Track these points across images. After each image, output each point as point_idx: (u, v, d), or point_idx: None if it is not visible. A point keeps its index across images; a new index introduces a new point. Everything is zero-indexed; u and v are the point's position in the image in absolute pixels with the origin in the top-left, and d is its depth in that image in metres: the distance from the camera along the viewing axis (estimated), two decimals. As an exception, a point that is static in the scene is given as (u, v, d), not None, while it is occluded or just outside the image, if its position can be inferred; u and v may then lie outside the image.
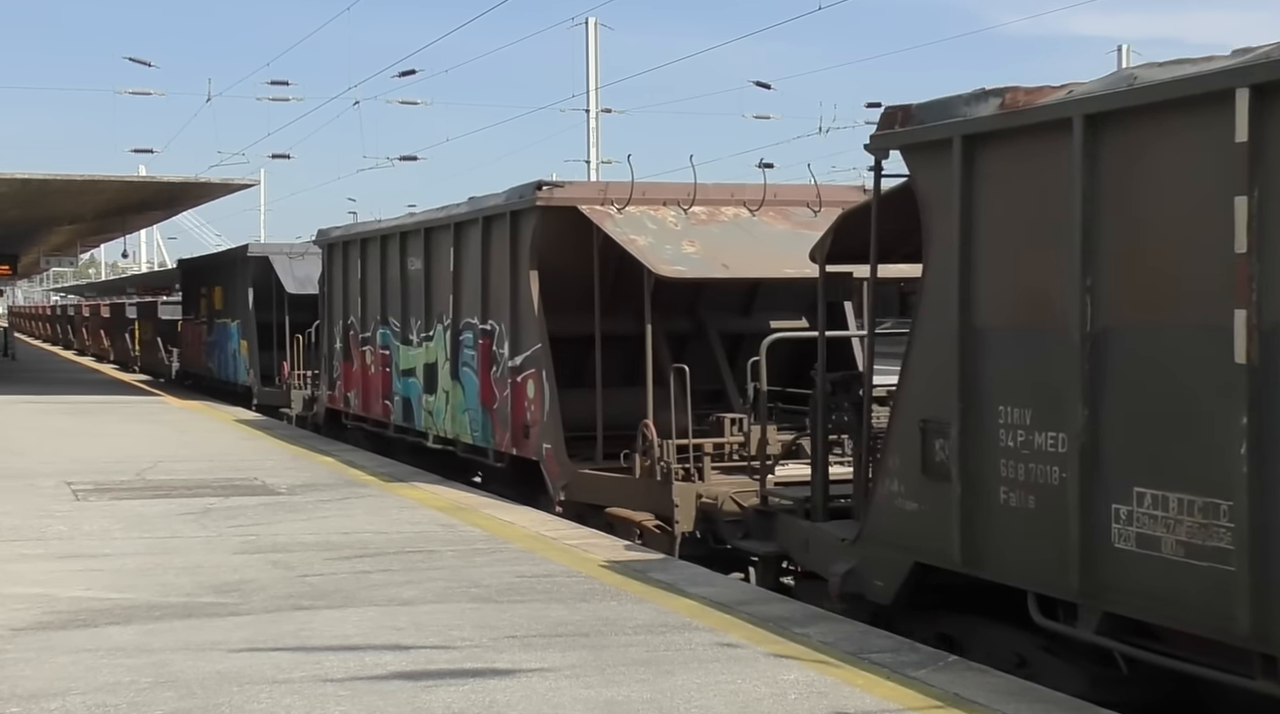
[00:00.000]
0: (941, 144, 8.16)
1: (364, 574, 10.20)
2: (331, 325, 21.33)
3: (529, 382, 14.23)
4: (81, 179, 27.63)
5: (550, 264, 14.05)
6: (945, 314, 8.14)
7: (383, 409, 18.99)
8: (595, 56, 39.02)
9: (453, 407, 16.41)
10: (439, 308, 16.76)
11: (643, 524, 12.29)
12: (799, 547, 10.14)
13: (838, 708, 6.74)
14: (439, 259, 16.77)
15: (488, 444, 15.43)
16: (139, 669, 7.46)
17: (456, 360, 16.23)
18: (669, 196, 13.94)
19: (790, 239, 13.46)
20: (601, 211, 13.53)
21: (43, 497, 14.44)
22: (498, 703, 6.82)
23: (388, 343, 18.65)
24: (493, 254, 15.13)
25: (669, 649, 7.88)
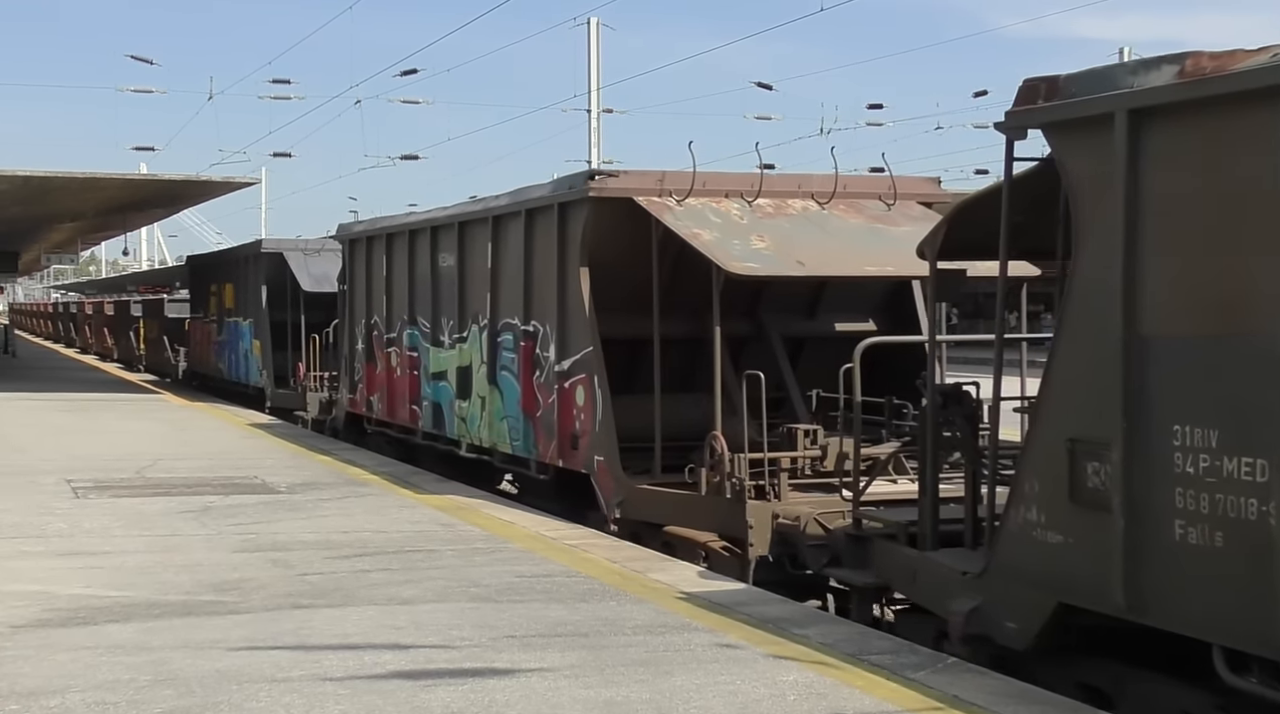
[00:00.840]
0: (1099, 120, 7.00)
1: (363, 573, 10.20)
2: (353, 325, 20.19)
3: (578, 388, 13.15)
4: (83, 176, 27.63)
5: (600, 260, 12.97)
6: (1103, 318, 7.01)
7: (409, 415, 17.90)
8: (597, 57, 39.04)
9: (489, 413, 15.30)
10: (474, 307, 15.69)
11: (708, 545, 11.29)
12: (904, 577, 8.97)
13: (837, 709, 6.74)
14: (475, 255, 15.67)
15: (529, 454, 14.32)
16: (138, 667, 7.46)
17: (494, 364, 15.16)
18: (732, 188, 12.84)
19: (866, 234, 12.61)
20: (660, 203, 12.46)
21: (43, 494, 14.44)
22: (497, 703, 6.82)
23: (416, 344, 17.56)
24: (537, 249, 14.04)
25: (668, 650, 7.88)
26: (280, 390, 26.53)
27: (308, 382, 24.62)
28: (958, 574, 8.18)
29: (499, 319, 14.99)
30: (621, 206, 12.65)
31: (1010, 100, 7.89)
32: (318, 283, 25.30)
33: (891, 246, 12.12)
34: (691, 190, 12.55)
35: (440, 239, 16.67)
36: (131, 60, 64.20)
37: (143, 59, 50.77)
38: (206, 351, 33.47)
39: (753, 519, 10.81)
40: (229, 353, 30.82)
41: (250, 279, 28.36)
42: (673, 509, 11.87)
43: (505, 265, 14.81)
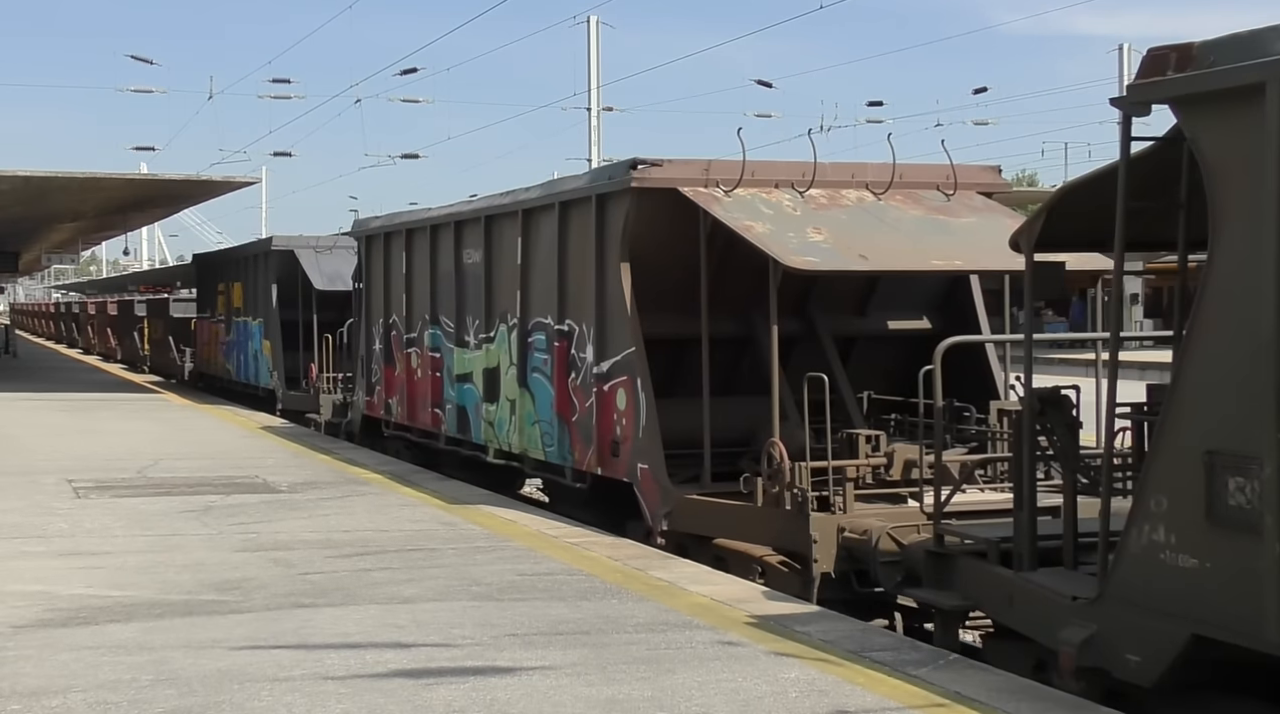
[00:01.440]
0: (1245, 92, 6.27)
1: (365, 572, 10.20)
2: (370, 325, 19.36)
3: (619, 391, 12.40)
4: (83, 176, 27.64)
5: (642, 255, 12.28)
6: (1249, 314, 6.27)
7: (431, 418, 17.05)
8: (597, 55, 39.05)
9: (520, 418, 14.46)
10: (502, 306, 14.86)
11: (765, 560, 10.59)
12: (998, 601, 8.14)
13: (838, 706, 6.74)
14: (503, 251, 14.86)
15: (564, 461, 13.52)
16: (140, 667, 7.46)
17: (525, 365, 14.31)
18: (781, 177, 12.11)
19: (927, 227, 11.89)
20: (706, 194, 11.74)
21: (44, 494, 14.44)
22: (499, 701, 6.82)
23: (438, 345, 16.77)
24: (572, 244, 13.27)
25: (670, 647, 7.88)
26: (292, 392, 25.74)
27: (320, 383, 24.00)
28: (1066, 599, 7.42)
29: (530, 318, 14.24)
30: (665, 198, 11.99)
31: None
32: (330, 281, 24.57)
33: (956, 239, 11.62)
34: (741, 180, 11.81)
35: (465, 234, 15.93)
36: (132, 60, 64.18)
37: (143, 59, 50.78)
38: (214, 352, 32.64)
39: (817, 533, 10.05)
40: (237, 353, 29.97)
41: (260, 277, 27.62)
42: (725, 521, 11.15)
43: (537, 261, 14.07)
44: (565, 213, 13.35)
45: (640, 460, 12.03)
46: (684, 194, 11.82)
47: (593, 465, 12.90)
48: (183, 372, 36.05)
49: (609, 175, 12.61)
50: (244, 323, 29.16)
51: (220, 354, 31.71)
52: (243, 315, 29.28)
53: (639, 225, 12.23)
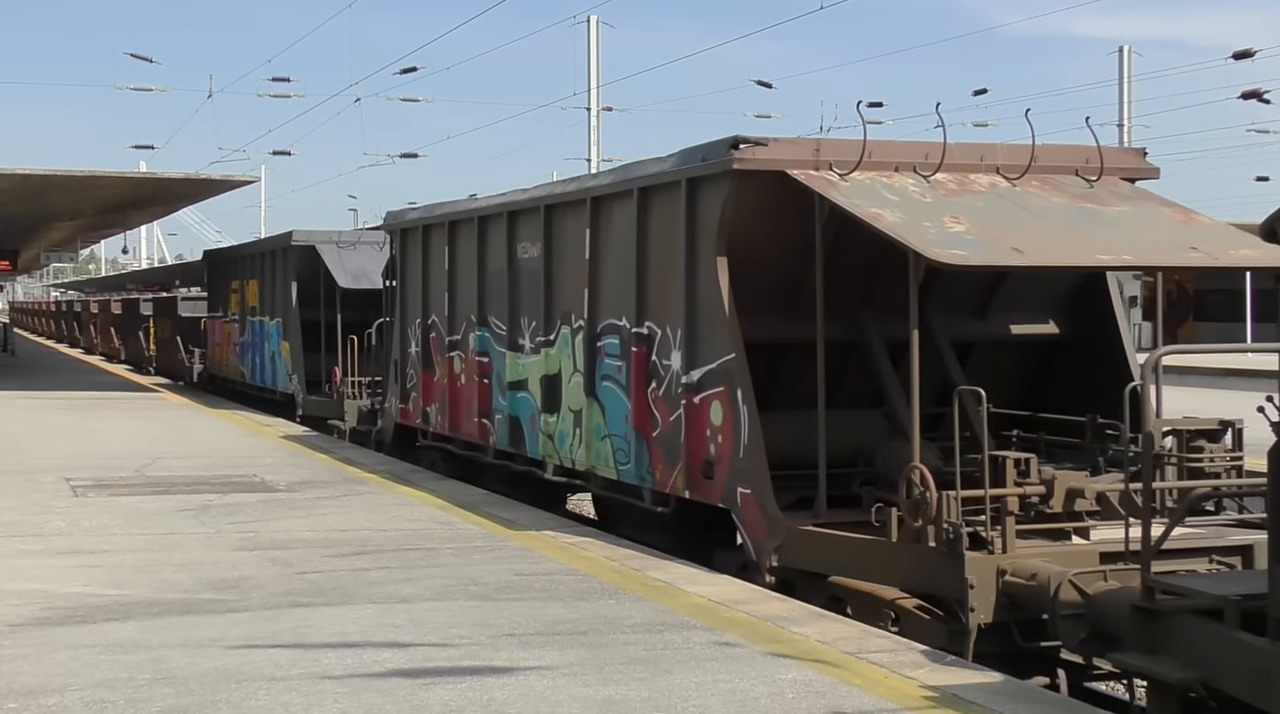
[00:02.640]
0: None
1: (362, 571, 10.20)
2: (405, 325, 17.85)
3: (713, 404, 10.92)
4: (82, 175, 27.64)
5: (741, 248, 10.85)
6: None
7: (478, 429, 15.52)
8: (597, 54, 39.05)
9: (587, 431, 12.96)
10: (565, 305, 13.42)
11: (899, 605, 9.11)
12: (1247, 677, 6.64)
13: (835, 707, 6.74)
14: (567, 244, 13.35)
15: (641, 482, 12.05)
16: (137, 665, 7.46)
17: (593, 372, 12.83)
18: (901, 159, 10.77)
19: (1078, 216, 10.49)
20: (820, 177, 10.41)
21: (42, 492, 14.44)
22: (496, 701, 6.82)
23: (487, 348, 15.30)
24: (654, 236, 11.82)
25: (667, 648, 7.88)
26: (313, 397, 24.21)
27: (345, 388, 22.53)
28: None
29: (600, 320, 12.75)
30: (770, 182, 10.58)
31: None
32: (355, 279, 23.09)
33: (1115, 231, 10.29)
34: (860, 162, 10.48)
35: (520, 226, 14.46)
36: (131, 58, 64.20)
37: (142, 57, 50.85)
38: (226, 354, 31.10)
39: (974, 576, 8.58)
40: (252, 355, 28.33)
41: (278, 275, 26.12)
42: (849, 557, 9.70)
43: (608, 256, 12.59)
44: (646, 200, 11.91)
45: (741, 484, 10.56)
46: (793, 178, 10.43)
47: (679, 488, 11.42)
48: (191, 373, 34.80)
49: (702, 156, 11.08)
50: (260, 323, 27.70)
51: (233, 355, 30.33)
52: (258, 315, 27.79)
53: (739, 213, 10.77)
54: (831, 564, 9.85)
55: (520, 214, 14.47)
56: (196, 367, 34.34)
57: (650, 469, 11.89)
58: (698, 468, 11.17)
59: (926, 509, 8.93)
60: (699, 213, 11.12)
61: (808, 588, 9.90)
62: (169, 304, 40.49)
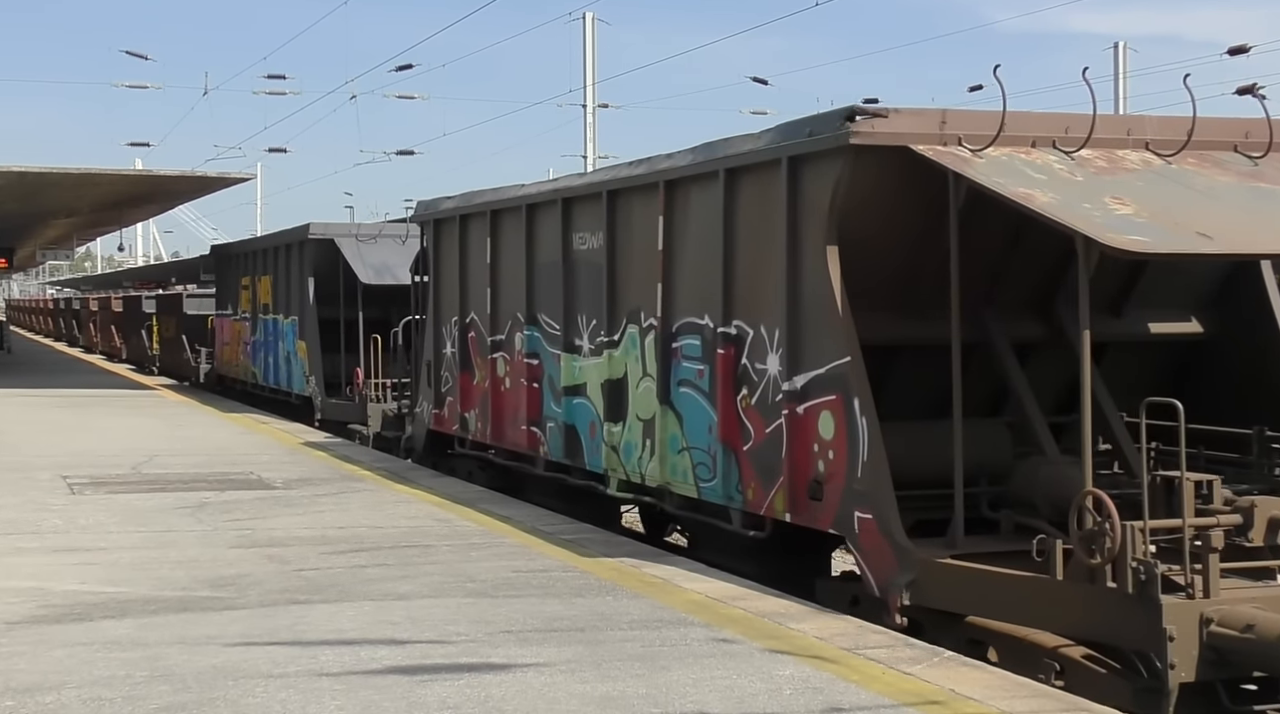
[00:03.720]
0: None
1: (359, 568, 10.19)
2: (439, 324, 16.51)
3: (822, 414, 9.58)
4: (78, 172, 27.65)
5: (852, 235, 9.55)
6: None
7: (526, 438, 14.15)
8: (593, 51, 39.02)
9: (660, 442, 11.53)
10: (633, 302, 12.05)
11: (1063, 654, 7.88)
12: None
13: (832, 703, 6.74)
14: (634, 233, 12.03)
15: (729, 501, 10.64)
16: (134, 663, 7.45)
17: (668, 377, 11.45)
18: (1038, 133, 9.45)
19: (1254, 197, 9.24)
20: (950, 153, 9.09)
21: (38, 490, 14.43)
22: (493, 697, 6.82)
23: (536, 349, 13.92)
24: (744, 222, 10.52)
25: (664, 644, 7.88)
26: (333, 400, 22.75)
27: (367, 390, 21.34)
28: None
29: (676, 318, 11.40)
30: (892, 159, 9.29)
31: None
32: (378, 274, 21.86)
33: None
34: (998, 136, 9.17)
35: (576, 214, 13.08)
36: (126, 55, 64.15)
37: (138, 54, 50.65)
38: (236, 354, 29.55)
39: (1173, 625, 7.26)
40: (265, 355, 26.82)
41: (293, 270, 24.65)
42: (999, 596, 8.31)
43: (686, 246, 11.26)
44: (734, 182, 10.58)
45: (859, 507, 9.22)
46: (919, 154, 9.12)
47: (777, 509, 10.07)
48: (197, 373, 33.39)
49: (808, 130, 9.75)
50: (273, 321, 26.15)
51: (244, 355, 28.82)
52: (272, 312, 26.32)
53: (853, 195, 9.46)
54: (975, 603, 8.52)
55: (577, 201, 13.05)
56: (203, 366, 33.05)
57: (740, 487, 10.50)
58: (802, 488, 9.81)
59: (1107, 543, 7.50)
60: (804, 195, 9.79)
61: (938, 628, 8.64)
62: (174, 301, 39.10)
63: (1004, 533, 8.95)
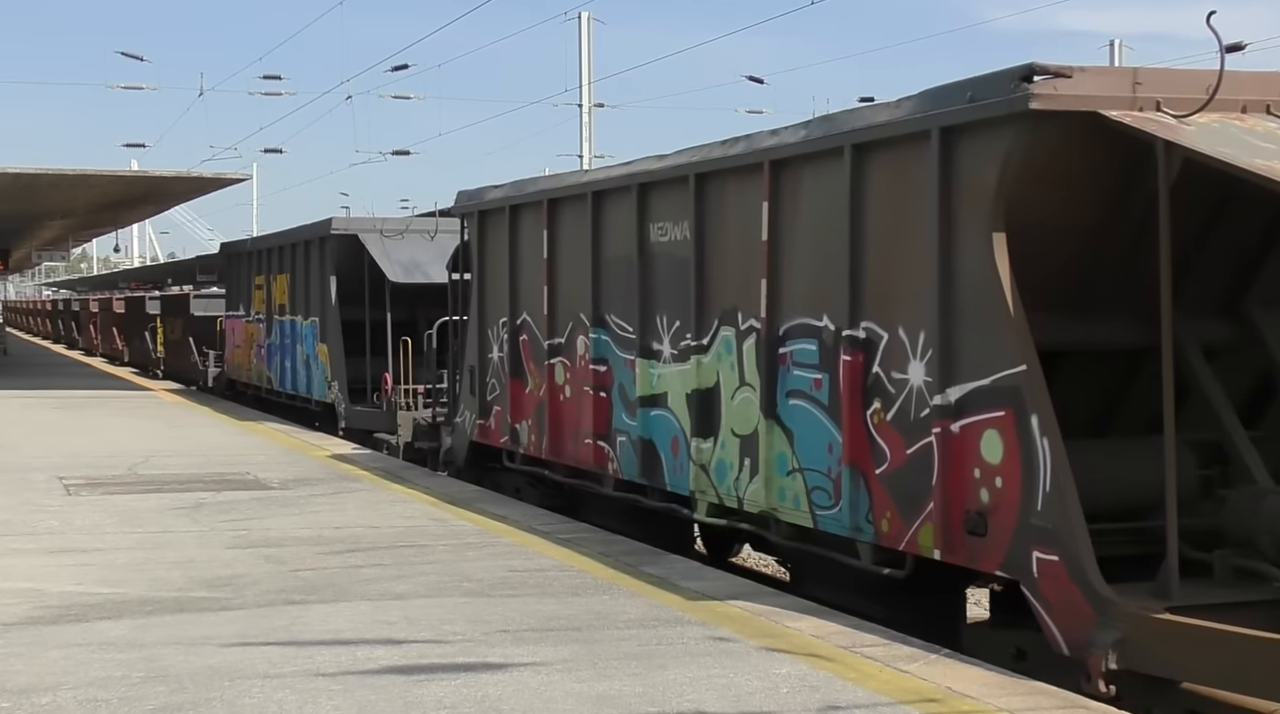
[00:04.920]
0: None
1: (356, 569, 10.19)
2: (485, 326, 15.11)
3: (986, 433, 8.11)
4: (73, 173, 27.64)
5: (1021, 219, 8.08)
6: None
7: (591, 453, 12.66)
8: (588, 51, 39.02)
9: (765, 462, 10.06)
10: (727, 300, 10.64)
11: None
12: None
13: (829, 701, 6.74)
14: (729, 222, 10.63)
15: (856, 533, 9.19)
16: (130, 664, 7.45)
17: (775, 387, 10.00)
18: (1250, 95, 8.04)
19: None
20: (1153, 120, 7.65)
21: (34, 491, 14.42)
22: (490, 697, 6.81)
23: (604, 354, 12.50)
24: (875, 206, 9.04)
25: (661, 643, 7.88)
26: (358, 407, 21.36)
27: (396, 397, 20.02)
28: None
29: (784, 319, 9.93)
30: (1076, 127, 7.88)
31: None
32: (406, 272, 20.67)
33: None
34: (1212, 99, 7.69)
35: (656, 202, 11.66)
36: (122, 56, 64.22)
37: (133, 55, 50.71)
38: (248, 357, 28.07)
39: None
40: (281, 359, 25.37)
41: (313, 268, 23.29)
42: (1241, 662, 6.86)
43: (798, 236, 9.82)
44: (864, 160, 9.12)
45: (1039, 546, 7.72)
46: (1113, 121, 7.69)
47: (922, 545, 8.58)
48: (205, 377, 31.99)
49: (967, 94, 8.20)
50: (291, 323, 24.69)
51: (257, 359, 27.27)
52: (289, 313, 24.90)
53: (1027, 172, 8.00)
54: (1203, 669, 7.11)
55: (657, 187, 11.62)
56: (211, 370, 31.65)
57: (871, 517, 9.05)
58: (958, 520, 8.31)
59: None
60: (961, 172, 8.33)
61: (1145, 694, 7.39)
62: (180, 302, 37.65)
63: (1219, 578, 7.52)
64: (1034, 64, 7.77)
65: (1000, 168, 7.97)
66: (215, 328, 31.91)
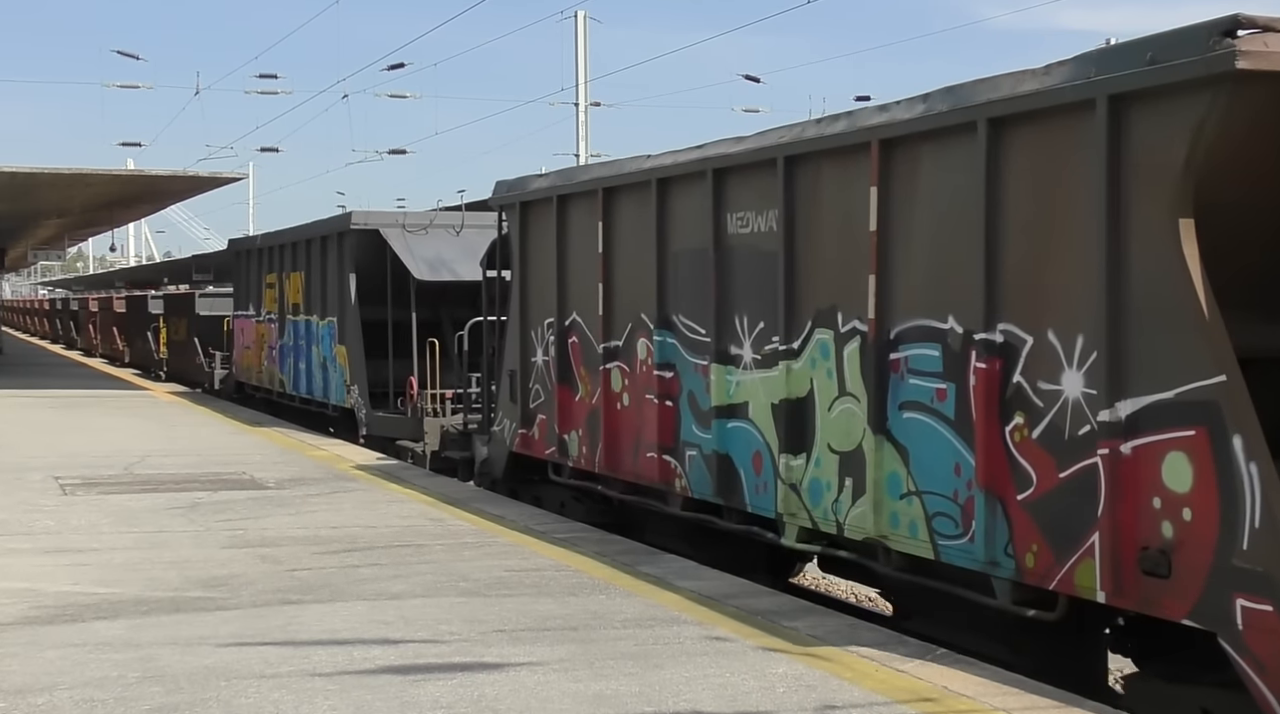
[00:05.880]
0: None
1: (352, 568, 10.18)
2: (527, 327, 14.01)
3: (1169, 456, 7.00)
4: (69, 172, 27.63)
5: (1210, 204, 7.02)
6: None
7: (656, 468, 11.55)
8: (585, 50, 39.03)
9: (874, 483, 8.94)
10: (823, 298, 9.53)
11: None
12: None
13: (826, 701, 6.74)
14: (825, 210, 9.49)
15: (994, 567, 8.00)
16: (126, 664, 7.44)
17: (886, 397, 8.89)
18: None
19: None
20: None
21: (30, 491, 14.41)
22: (486, 697, 6.81)
23: (671, 358, 11.40)
24: (1017, 189, 7.87)
25: (657, 643, 7.88)
26: (380, 413, 20.16)
27: (423, 402, 18.96)
28: None
29: (898, 320, 8.79)
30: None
31: None
32: (433, 269, 19.56)
33: None
34: None
35: (733, 188, 10.57)
36: (118, 55, 64.19)
37: (129, 54, 50.70)
38: (258, 358, 26.80)
39: None
40: (295, 361, 24.10)
41: (330, 265, 22.04)
42: None
43: (914, 224, 8.67)
44: (1002, 136, 7.99)
45: (1244, 593, 6.58)
46: None
47: (1080, 584, 7.47)
48: (211, 379, 30.89)
49: (1147, 54, 7.03)
50: (306, 323, 23.43)
51: (268, 361, 25.99)
52: (303, 313, 23.60)
53: (1224, 145, 6.89)
54: None
55: (736, 172, 10.53)
56: (218, 372, 30.47)
57: (1011, 549, 7.90)
58: (1130, 557, 7.20)
59: None
60: (1137, 147, 7.22)
61: None
62: (184, 301, 36.36)
63: None
64: (1239, 15, 6.66)
65: (1190, 141, 6.84)
66: (222, 328, 31.04)
